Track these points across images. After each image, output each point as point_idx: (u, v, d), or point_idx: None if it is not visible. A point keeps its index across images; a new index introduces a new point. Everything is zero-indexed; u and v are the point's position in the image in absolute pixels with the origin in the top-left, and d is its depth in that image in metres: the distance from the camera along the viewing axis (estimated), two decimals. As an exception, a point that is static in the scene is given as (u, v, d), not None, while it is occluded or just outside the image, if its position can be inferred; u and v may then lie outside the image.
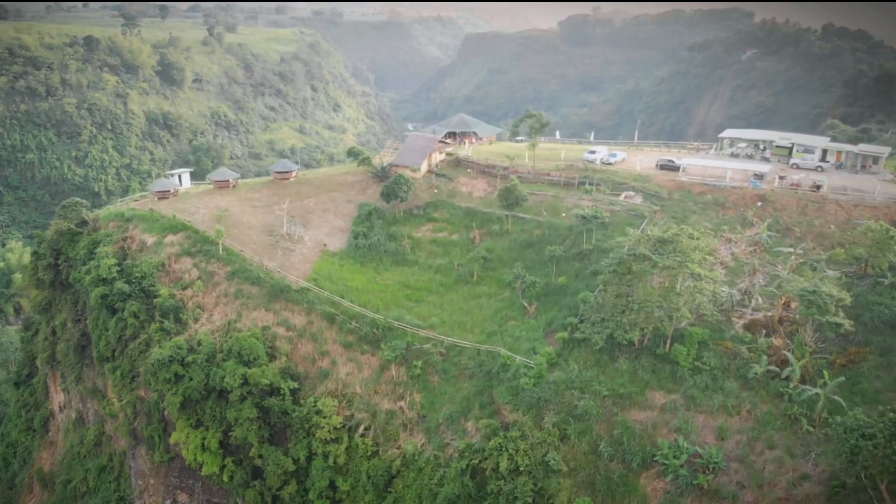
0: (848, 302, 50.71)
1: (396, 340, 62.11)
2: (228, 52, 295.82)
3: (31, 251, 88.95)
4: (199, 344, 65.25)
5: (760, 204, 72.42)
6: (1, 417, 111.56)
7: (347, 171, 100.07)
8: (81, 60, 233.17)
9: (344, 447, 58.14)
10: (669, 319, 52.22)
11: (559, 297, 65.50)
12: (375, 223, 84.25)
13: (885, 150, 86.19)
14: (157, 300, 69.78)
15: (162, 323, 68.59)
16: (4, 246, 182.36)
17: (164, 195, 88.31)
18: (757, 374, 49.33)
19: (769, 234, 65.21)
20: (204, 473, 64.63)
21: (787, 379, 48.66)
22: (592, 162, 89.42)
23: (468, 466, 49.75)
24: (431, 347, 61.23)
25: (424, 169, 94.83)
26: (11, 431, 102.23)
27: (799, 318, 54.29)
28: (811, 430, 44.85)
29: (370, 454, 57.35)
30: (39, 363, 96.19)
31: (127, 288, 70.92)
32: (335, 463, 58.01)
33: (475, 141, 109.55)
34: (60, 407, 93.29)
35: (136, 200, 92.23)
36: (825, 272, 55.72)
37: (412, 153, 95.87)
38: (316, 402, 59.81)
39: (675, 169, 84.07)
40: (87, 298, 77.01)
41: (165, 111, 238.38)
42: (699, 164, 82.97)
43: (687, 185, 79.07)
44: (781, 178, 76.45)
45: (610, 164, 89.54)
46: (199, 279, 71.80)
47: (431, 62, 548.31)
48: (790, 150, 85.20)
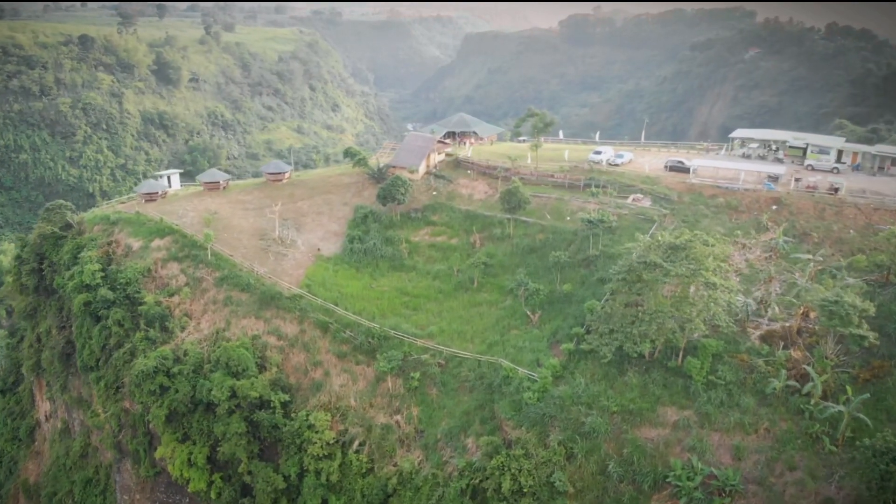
0: (872, 313, 48.17)
1: (393, 350, 59.89)
2: (226, 51, 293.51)
3: (14, 255, 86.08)
4: (185, 354, 63.19)
5: (775, 207, 69.64)
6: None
7: (343, 172, 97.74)
8: (76, 59, 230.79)
9: (337, 464, 56.19)
10: (682, 330, 49.63)
11: (564, 305, 62.86)
12: (371, 227, 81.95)
13: None
14: (142, 308, 67.44)
15: (147, 331, 66.37)
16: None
17: (151, 197, 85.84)
18: (775, 389, 47.02)
19: (785, 239, 62.41)
20: (191, 490, 62.32)
21: (807, 395, 46.23)
22: (598, 163, 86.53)
23: (468, 486, 48.15)
24: (430, 358, 58.88)
25: (423, 170, 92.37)
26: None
27: (819, 329, 51.59)
28: (834, 450, 42.80)
29: (365, 471, 55.36)
30: (25, 371, 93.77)
31: (111, 295, 68.71)
32: (328, 480, 56.02)
33: (475, 141, 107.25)
34: (46, 416, 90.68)
35: (122, 203, 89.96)
36: (846, 280, 52.74)
37: (410, 154, 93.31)
38: (308, 415, 57.87)
39: (684, 170, 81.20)
40: (71, 305, 74.58)
41: (161, 111, 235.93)
42: (710, 165, 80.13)
43: (698, 187, 76.31)
44: (797, 180, 73.50)
45: (616, 165, 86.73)
46: (186, 285, 69.62)
47: (431, 62, 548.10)
48: (804, 150, 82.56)
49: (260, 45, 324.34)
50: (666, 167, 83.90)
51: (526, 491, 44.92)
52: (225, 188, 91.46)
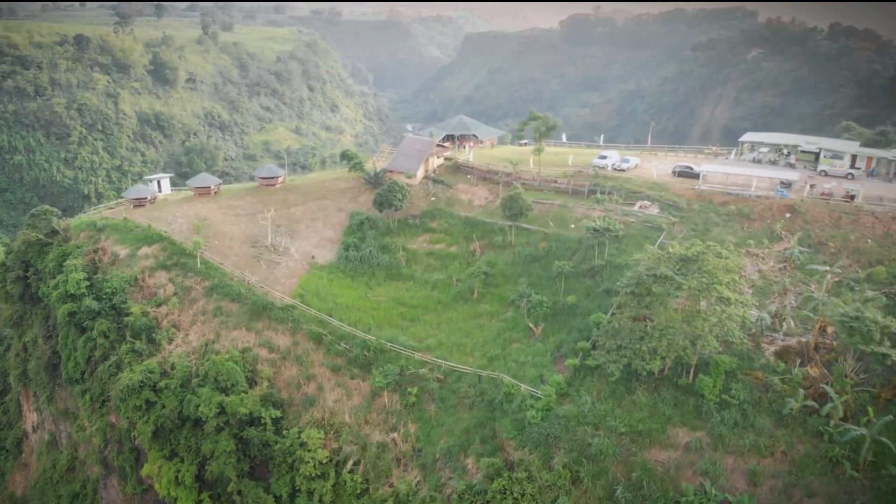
0: (895, 329, 45.47)
1: (389, 364, 57.23)
2: (223, 51, 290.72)
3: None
4: (172, 367, 60.71)
5: (789, 216, 66.99)
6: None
7: (338, 176, 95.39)
8: (71, 59, 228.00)
9: (331, 484, 53.65)
10: (693, 347, 47.07)
11: (568, 317, 60.30)
12: (368, 234, 79.56)
13: None
14: (128, 318, 64.94)
15: (133, 343, 63.83)
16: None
17: (140, 203, 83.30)
18: (793, 409, 44.63)
19: (800, 249, 59.84)
20: (178, 510, 59.47)
21: (827, 416, 43.81)
22: (603, 168, 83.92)
23: (468, 511, 45.38)
24: (428, 372, 56.40)
25: (421, 175, 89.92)
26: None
27: (837, 345, 48.97)
28: (855, 475, 40.62)
29: (359, 492, 52.83)
30: (12, 380, 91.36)
31: (96, 305, 66.26)
32: (321, 501, 53.56)
33: (475, 144, 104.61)
34: (34, 427, 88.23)
35: (110, 209, 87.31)
36: (866, 294, 50.16)
37: (408, 158, 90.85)
38: (300, 433, 55.44)
39: (693, 176, 78.45)
40: (57, 314, 71.97)
41: (157, 111, 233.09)
42: (720, 170, 77.41)
43: (707, 194, 73.68)
44: (812, 186, 70.81)
45: (622, 170, 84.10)
46: (174, 295, 67.09)
47: (431, 62, 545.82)
48: (817, 155, 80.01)
49: (258, 44, 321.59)
50: (674, 172, 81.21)
51: (529, 517, 42.40)
52: (216, 193, 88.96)
